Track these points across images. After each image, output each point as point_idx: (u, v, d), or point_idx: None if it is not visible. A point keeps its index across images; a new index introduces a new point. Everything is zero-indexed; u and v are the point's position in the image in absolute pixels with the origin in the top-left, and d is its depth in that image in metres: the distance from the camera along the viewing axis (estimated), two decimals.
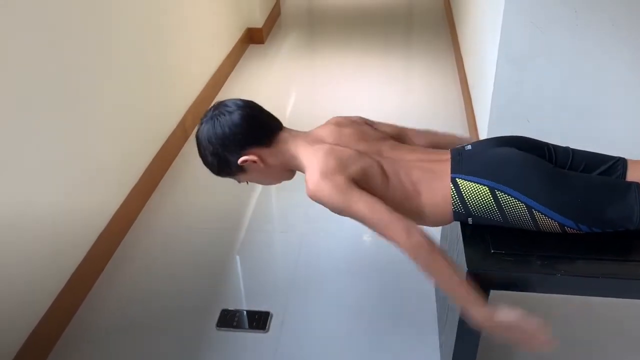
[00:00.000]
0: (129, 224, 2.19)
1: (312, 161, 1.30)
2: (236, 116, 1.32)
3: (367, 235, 2.14)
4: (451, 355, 1.39)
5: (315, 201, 1.28)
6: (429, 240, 1.18)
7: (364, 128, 1.44)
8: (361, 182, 1.27)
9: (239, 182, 1.44)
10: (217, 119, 1.32)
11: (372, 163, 1.31)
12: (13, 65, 1.51)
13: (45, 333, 1.67)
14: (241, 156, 1.33)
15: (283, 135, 1.37)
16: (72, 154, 1.82)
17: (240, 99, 1.37)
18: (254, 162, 1.33)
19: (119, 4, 2.11)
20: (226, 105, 1.34)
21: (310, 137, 1.38)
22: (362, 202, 1.22)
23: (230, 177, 1.41)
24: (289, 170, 1.41)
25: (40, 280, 1.68)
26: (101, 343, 1.72)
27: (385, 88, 3.39)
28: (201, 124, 1.36)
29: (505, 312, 1.15)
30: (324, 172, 1.25)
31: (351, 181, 1.25)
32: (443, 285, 1.22)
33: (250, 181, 1.43)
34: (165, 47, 2.58)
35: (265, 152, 1.35)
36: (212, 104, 1.38)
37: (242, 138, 1.32)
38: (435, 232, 1.78)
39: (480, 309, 1.16)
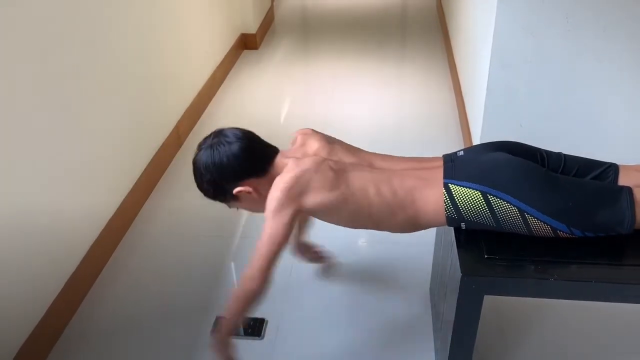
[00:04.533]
0: (124, 231, 2.19)
1: (293, 167, 1.33)
2: (235, 147, 1.34)
3: (361, 240, 2.14)
4: None
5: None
6: (259, 293, 1.31)
7: (347, 145, 1.48)
8: (344, 198, 1.31)
9: (230, 207, 1.47)
10: (217, 148, 1.35)
11: (362, 177, 1.33)
12: (11, 68, 1.52)
13: (44, 334, 1.68)
14: (237, 186, 1.36)
15: (277, 161, 1.39)
16: (69, 158, 1.82)
17: (239, 129, 1.40)
18: (249, 192, 1.36)
19: (113, 11, 2.11)
20: (226, 135, 1.37)
21: (301, 155, 1.40)
22: (274, 227, 1.29)
23: (223, 203, 1.44)
24: None
25: (39, 282, 1.68)
26: (97, 349, 1.72)
27: (379, 93, 3.40)
28: (199, 150, 1.38)
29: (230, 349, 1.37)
30: (288, 182, 1.29)
31: (299, 204, 1.30)
32: (233, 306, 1.35)
33: (242, 208, 1.46)
34: (159, 53, 2.58)
35: (260, 182, 1.38)
36: (211, 132, 1.40)
37: (240, 170, 1.35)
38: (429, 238, 1.79)
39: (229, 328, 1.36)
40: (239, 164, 1.35)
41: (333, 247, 2.11)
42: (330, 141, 1.44)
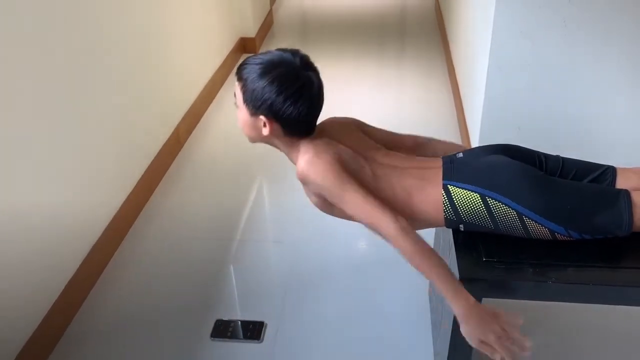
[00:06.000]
0: (125, 232, 2.19)
1: (309, 146, 1.29)
2: (306, 104, 1.30)
3: (361, 243, 2.15)
4: None
5: (304, 182, 1.25)
6: (414, 232, 1.20)
7: (360, 134, 1.45)
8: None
9: (236, 105, 1.36)
10: (304, 88, 1.32)
11: (365, 166, 1.32)
12: (11, 69, 1.52)
13: (47, 333, 1.69)
14: (269, 118, 1.28)
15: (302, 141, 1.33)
16: (70, 159, 1.83)
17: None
18: (265, 125, 1.29)
19: (114, 14, 2.12)
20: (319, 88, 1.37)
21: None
22: (355, 188, 1.22)
23: (239, 95, 1.34)
24: (270, 143, 1.35)
25: (42, 281, 1.70)
26: (98, 348, 1.72)
27: (378, 96, 3.41)
28: (311, 68, 1.38)
29: (489, 305, 1.14)
30: (319, 152, 1.25)
31: (344, 169, 1.24)
32: (430, 274, 1.20)
33: (239, 116, 1.34)
34: (159, 57, 2.58)
35: (282, 136, 1.31)
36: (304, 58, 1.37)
37: (290, 118, 1.27)
38: (428, 240, 1.79)
39: (462, 301, 1.13)
40: (296, 114, 1.27)
41: (332, 248, 2.12)
42: (346, 131, 1.42)
